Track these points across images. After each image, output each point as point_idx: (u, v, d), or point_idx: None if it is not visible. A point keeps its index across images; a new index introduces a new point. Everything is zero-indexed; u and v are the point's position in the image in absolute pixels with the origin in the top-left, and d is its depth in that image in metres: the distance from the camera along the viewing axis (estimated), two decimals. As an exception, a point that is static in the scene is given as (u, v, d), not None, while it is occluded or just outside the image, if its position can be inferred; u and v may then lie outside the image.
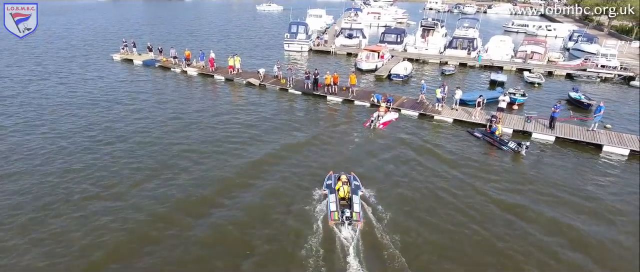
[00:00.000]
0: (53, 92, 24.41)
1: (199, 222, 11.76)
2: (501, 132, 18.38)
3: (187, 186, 13.69)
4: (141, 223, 11.70)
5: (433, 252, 10.75)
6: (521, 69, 32.52)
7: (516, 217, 12.33)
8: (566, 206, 13.11)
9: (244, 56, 32.71)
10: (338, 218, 11.40)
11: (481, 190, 13.86)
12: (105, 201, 12.78)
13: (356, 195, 12.34)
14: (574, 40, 42.71)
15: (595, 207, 13.08)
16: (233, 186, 13.78)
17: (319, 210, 12.32)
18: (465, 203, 13.05)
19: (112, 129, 18.66)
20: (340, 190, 12.29)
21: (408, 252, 10.59)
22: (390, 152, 16.80)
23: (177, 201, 12.79)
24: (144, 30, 53.09)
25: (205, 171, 14.80)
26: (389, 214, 12.22)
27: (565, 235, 11.59)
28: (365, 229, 11.27)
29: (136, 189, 13.44)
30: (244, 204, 12.70)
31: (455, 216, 12.37)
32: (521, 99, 23.23)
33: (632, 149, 16.87)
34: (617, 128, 19.94)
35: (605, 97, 25.65)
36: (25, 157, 15.67)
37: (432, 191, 13.83)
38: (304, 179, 14.30)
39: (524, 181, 14.73)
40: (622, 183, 14.78)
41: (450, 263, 10.38)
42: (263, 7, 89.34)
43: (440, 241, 11.18)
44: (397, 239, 11.05)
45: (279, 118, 20.72)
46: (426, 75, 31.24)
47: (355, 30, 40.97)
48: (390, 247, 10.73)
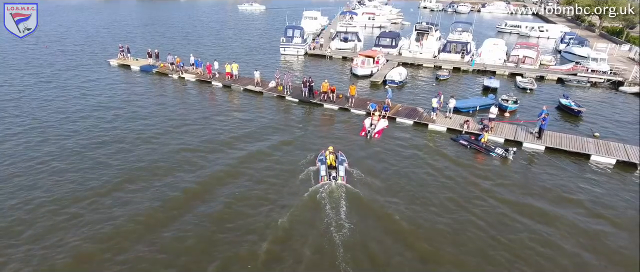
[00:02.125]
0: (52, 97, 24.64)
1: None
2: (487, 139, 19.02)
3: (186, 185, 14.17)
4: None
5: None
6: (514, 73, 33.17)
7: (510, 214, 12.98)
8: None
9: (240, 61, 33.06)
10: (327, 180, 14.80)
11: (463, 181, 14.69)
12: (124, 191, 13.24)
13: (341, 165, 15.67)
14: (566, 42, 43.47)
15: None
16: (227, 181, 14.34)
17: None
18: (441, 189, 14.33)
19: (113, 133, 18.98)
20: (328, 158, 15.73)
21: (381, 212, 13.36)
22: (381, 156, 17.73)
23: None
24: (136, 33, 52.89)
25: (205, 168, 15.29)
26: (370, 187, 14.89)
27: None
28: (347, 192, 14.34)
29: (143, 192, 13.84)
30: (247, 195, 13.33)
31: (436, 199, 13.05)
32: (513, 106, 23.82)
33: (618, 159, 17.53)
34: (605, 135, 20.64)
35: (594, 103, 26.44)
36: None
37: (414, 178, 16.03)
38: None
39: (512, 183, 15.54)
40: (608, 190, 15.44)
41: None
42: (245, 6, 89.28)
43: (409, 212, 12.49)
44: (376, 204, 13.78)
45: (277, 124, 21.49)
46: (421, 80, 31.79)
47: (351, 33, 41.34)
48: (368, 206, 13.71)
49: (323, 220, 12.92)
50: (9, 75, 30.09)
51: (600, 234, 12.77)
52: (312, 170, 16.01)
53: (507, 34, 60.41)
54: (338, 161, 15.90)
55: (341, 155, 16.58)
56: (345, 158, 16.50)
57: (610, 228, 13.09)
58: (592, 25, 63.50)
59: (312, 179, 15.41)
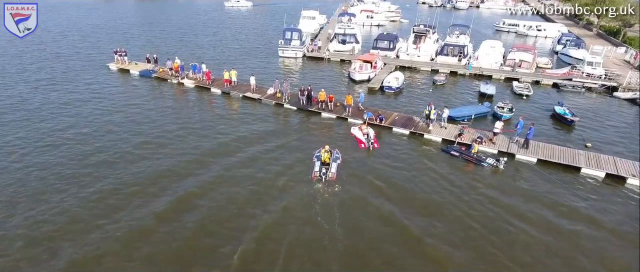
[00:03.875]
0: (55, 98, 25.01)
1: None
2: (477, 150, 19.47)
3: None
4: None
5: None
6: (510, 78, 33.48)
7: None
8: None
9: (237, 63, 33.18)
10: (319, 176, 16.75)
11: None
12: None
13: (335, 162, 17.39)
14: (563, 44, 43.72)
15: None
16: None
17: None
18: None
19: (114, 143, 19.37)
20: (323, 156, 17.40)
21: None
22: (373, 165, 18.69)
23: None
24: (132, 33, 52.62)
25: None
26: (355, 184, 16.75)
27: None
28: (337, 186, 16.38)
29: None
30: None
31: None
32: (507, 115, 24.19)
33: (608, 172, 17.98)
34: (598, 146, 21.07)
35: (588, 110, 26.82)
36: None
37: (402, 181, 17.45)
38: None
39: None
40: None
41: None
42: (231, 3, 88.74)
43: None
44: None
45: (274, 130, 22.36)
46: (418, 86, 32.08)
47: (349, 35, 41.48)
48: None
49: (313, 218, 14.41)
50: (8, 78, 30.36)
51: (574, 235, 14.09)
52: (303, 175, 17.30)
53: (505, 33, 60.55)
54: (332, 158, 17.50)
55: (336, 153, 18.13)
56: (339, 156, 18.07)
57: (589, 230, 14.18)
58: (590, 23, 63.56)
59: (303, 180, 16.88)
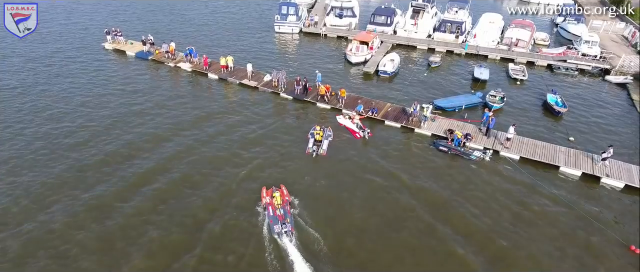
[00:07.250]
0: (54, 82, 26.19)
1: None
2: (461, 138, 20.73)
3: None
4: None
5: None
6: (505, 58, 33.57)
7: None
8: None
9: (231, 43, 32.72)
10: (311, 152, 19.69)
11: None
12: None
13: (326, 140, 20.30)
14: (563, 16, 43.12)
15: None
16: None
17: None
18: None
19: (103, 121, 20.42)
20: (316, 134, 20.27)
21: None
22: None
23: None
24: (128, 16, 49.40)
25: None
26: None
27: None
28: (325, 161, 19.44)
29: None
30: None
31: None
32: (498, 105, 24.82)
33: (584, 172, 19.11)
34: (581, 141, 22.02)
35: (578, 98, 27.38)
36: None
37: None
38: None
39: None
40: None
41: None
42: None
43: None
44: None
45: (270, 118, 23.74)
46: (413, 67, 32.29)
47: (346, 9, 40.69)
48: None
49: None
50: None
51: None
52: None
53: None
54: (324, 136, 20.37)
55: (329, 131, 21.04)
56: (331, 133, 20.98)
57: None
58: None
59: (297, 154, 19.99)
